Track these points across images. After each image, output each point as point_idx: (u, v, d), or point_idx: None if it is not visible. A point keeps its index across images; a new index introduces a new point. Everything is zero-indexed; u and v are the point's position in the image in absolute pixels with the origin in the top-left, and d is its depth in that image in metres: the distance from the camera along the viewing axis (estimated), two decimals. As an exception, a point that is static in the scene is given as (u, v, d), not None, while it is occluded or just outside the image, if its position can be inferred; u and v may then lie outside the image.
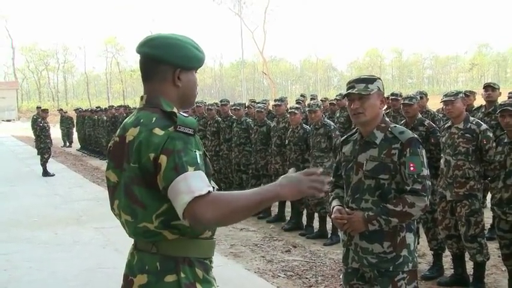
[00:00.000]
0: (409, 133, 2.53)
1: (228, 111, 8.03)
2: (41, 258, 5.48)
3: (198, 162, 1.56)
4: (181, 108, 1.77)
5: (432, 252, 4.76)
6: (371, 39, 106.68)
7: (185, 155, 1.55)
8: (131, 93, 72.39)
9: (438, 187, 4.34)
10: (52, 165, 12.67)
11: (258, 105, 7.74)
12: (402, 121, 5.00)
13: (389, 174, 2.46)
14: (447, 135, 4.26)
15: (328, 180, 1.63)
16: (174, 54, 1.70)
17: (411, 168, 2.43)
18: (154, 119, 1.64)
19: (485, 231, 4.54)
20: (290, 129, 6.45)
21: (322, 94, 39.82)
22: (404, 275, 2.47)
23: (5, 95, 51.46)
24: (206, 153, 1.73)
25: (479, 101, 6.77)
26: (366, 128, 2.55)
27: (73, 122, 20.78)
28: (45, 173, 11.84)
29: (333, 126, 6.05)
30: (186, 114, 1.66)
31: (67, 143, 21.00)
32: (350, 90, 2.52)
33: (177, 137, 1.57)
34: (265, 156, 7.09)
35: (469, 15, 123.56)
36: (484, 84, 6.30)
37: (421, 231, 4.93)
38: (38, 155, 12.37)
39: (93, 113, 17.81)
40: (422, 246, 5.08)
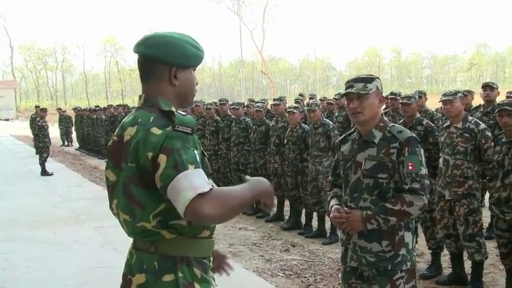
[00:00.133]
0: (408, 132, 2.54)
1: (226, 111, 8.03)
2: (39, 257, 5.48)
3: (198, 160, 1.56)
4: (180, 108, 1.76)
5: (430, 251, 4.77)
6: (370, 39, 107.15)
7: (185, 153, 1.54)
8: (130, 93, 72.32)
9: (437, 186, 4.35)
10: (51, 165, 12.66)
11: (256, 104, 7.74)
12: (401, 120, 5.01)
13: (387, 173, 2.47)
14: (446, 134, 4.27)
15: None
16: (170, 53, 1.69)
17: (410, 167, 2.43)
18: (152, 118, 1.63)
19: (484, 231, 4.55)
20: (289, 129, 6.45)
21: (321, 93, 39.73)
22: (403, 273, 2.48)
23: (3, 94, 51.29)
24: (204, 153, 1.73)
25: (478, 100, 6.78)
26: (365, 127, 2.55)
27: (72, 121, 20.75)
28: (44, 172, 11.83)
29: (331, 125, 6.05)
30: (184, 113, 1.64)
31: (66, 142, 20.99)
32: (349, 90, 2.53)
33: (175, 136, 1.56)
34: (264, 155, 7.10)
35: (467, 15, 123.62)
36: (482, 84, 6.30)
37: (420, 230, 4.95)
38: (36, 154, 12.34)
39: (91, 112, 17.79)
40: (421, 245, 5.09)
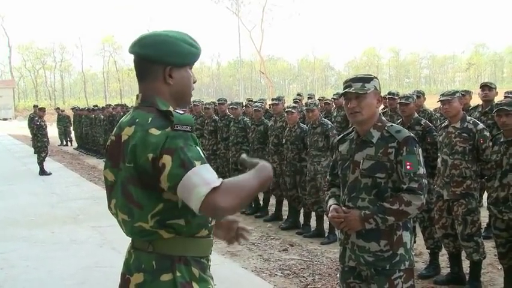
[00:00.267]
0: (406, 132, 2.54)
1: (225, 110, 8.02)
2: (37, 257, 5.48)
3: (202, 156, 1.57)
4: (178, 107, 1.75)
5: (429, 251, 4.78)
6: (368, 39, 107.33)
7: (188, 150, 1.54)
8: (128, 92, 72.23)
9: (435, 186, 4.35)
10: (49, 164, 12.65)
11: (255, 104, 7.73)
12: (399, 120, 5.01)
13: (385, 173, 2.47)
14: (444, 134, 4.27)
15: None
16: (164, 52, 1.68)
17: (408, 167, 2.43)
18: (150, 119, 1.62)
19: (482, 230, 4.55)
20: (287, 129, 6.45)
21: (320, 93, 39.79)
22: (401, 273, 2.48)
23: (1, 93, 51.20)
24: (204, 152, 1.73)
25: (476, 100, 6.78)
26: (363, 127, 2.55)
27: (70, 120, 20.72)
28: (42, 172, 11.82)
29: (330, 125, 6.05)
30: (181, 112, 1.64)
31: (65, 142, 20.97)
32: (347, 89, 2.53)
33: (176, 136, 1.56)
34: (263, 155, 7.09)
35: (466, 15, 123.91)
36: (480, 84, 6.30)
37: (418, 230, 4.95)
38: (34, 153, 12.32)
39: (90, 111, 17.76)
40: (419, 245, 5.09)
